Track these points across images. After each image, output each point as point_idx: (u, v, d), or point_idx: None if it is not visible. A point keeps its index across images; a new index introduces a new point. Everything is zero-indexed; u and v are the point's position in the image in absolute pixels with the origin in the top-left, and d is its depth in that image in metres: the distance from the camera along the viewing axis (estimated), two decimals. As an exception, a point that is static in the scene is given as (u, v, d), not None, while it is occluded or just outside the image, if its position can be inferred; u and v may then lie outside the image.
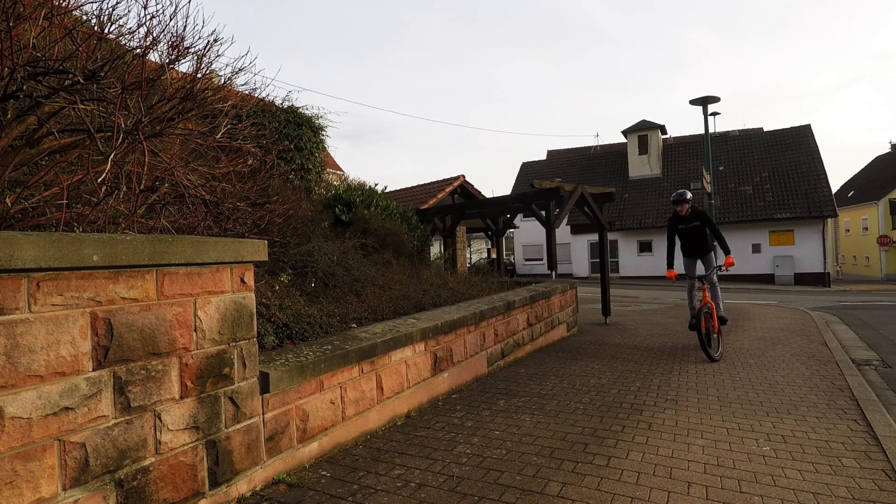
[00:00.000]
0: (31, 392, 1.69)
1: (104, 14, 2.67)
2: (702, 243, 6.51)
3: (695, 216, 6.46)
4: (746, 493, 2.50)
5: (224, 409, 2.37)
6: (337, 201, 7.83)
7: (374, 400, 3.40)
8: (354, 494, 2.51)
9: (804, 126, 28.21)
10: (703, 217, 6.46)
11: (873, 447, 3.10)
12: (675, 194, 6.47)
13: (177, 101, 2.78)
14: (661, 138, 30.85)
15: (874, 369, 5.75)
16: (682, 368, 5.33)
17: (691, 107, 9.64)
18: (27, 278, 1.70)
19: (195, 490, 2.22)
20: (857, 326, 9.43)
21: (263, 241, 2.61)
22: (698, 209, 6.50)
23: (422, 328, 3.91)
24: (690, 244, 6.62)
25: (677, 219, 6.56)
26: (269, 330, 3.22)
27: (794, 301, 16.02)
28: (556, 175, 32.56)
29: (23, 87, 2.19)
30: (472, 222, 13.23)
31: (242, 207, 3.70)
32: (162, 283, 2.12)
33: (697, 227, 6.45)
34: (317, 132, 7.60)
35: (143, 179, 2.53)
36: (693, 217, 6.46)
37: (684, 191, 6.43)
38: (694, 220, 6.45)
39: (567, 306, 7.81)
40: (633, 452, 3.04)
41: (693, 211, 6.47)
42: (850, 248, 38.85)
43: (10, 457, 1.63)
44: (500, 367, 5.34)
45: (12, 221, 2.17)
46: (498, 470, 2.79)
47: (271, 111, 6.66)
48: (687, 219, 6.49)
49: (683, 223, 6.53)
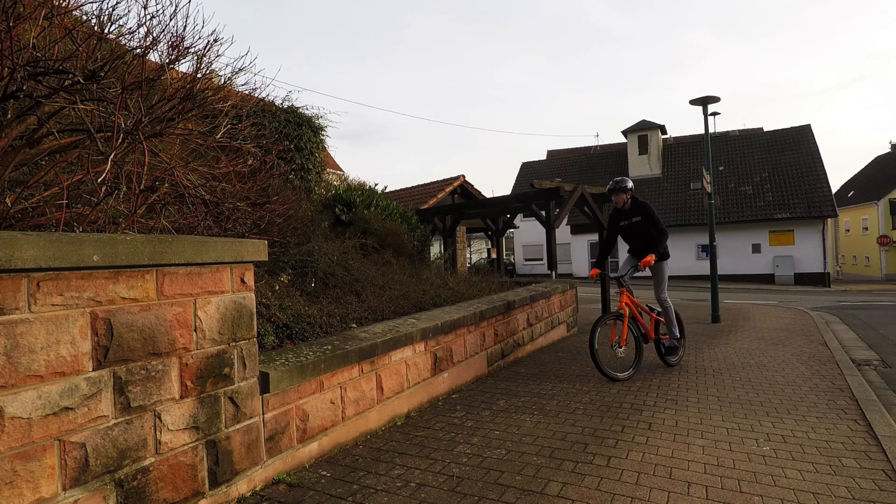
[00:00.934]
0: (32, 392, 1.69)
1: (104, 14, 2.67)
2: (645, 242, 5.38)
3: (636, 210, 5.41)
4: (746, 493, 2.50)
5: (224, 409, 2.37)
6: (337, 201, 7.83)
7: (374, 400, 3.40)
8: (354, 494, 2.51)
9: (804, 126, 28.21)
10: (645, 211, 5.37)
11: (873, 447, 3.10)
12: (612, 182, 5.44)
13: (177, 101, 2.78)
14: (661, 138, 30.85)
15: (874, 369, 5.75)
16: (682, 368, 5.33)
17: (691, 107, 9.63)
18: (27, 278, 1.70)
19: (195, 490, 2.22)
20: (857, 326, 9.43)
21: (263, 241, 2.61)
22: (640, 201, 5.44)
23: (422, 328, 3.91)
24: (634, 244, 5.54)
25: (617, 213, 5.55)
26: (269, 330, 3.22)
27: (794, 301, 16.02)
28: (556, 175, 32.55)
29: (23, 87, 2.19)
30: (472, 222, 13.23)
31: (242, 207, 3.70)
32: (162, 283, 2.12)
33: (639, 224, 5.40)
34: (317, 132, 7.60)
35: (143, 179, 2.53)
36: (634, 211, 5.42)
37: (623, 178, 5.43)
38: (634, 215, 5.41)
39: (567, 306, 7.81)
40: (633, 452, 3.04)
41: (634, 203, 5.42)
42: (850, 248, 38.84)
43: (11, 457, 1.63)
44: (500, 367, 5.34)
45: (12, 221, 2.17)
46: (498, 470, 2.79)
47: (271, 111, 6.66)
48: (627, 212, 5.46)
49: (624, 218, 5.49)
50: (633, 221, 5.43)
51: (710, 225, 9.71)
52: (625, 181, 5.40)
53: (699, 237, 26.68)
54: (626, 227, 5.52)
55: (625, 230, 5.55)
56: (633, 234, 5.49)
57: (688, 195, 28.17)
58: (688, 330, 8.45)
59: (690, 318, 10.29)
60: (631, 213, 5.44)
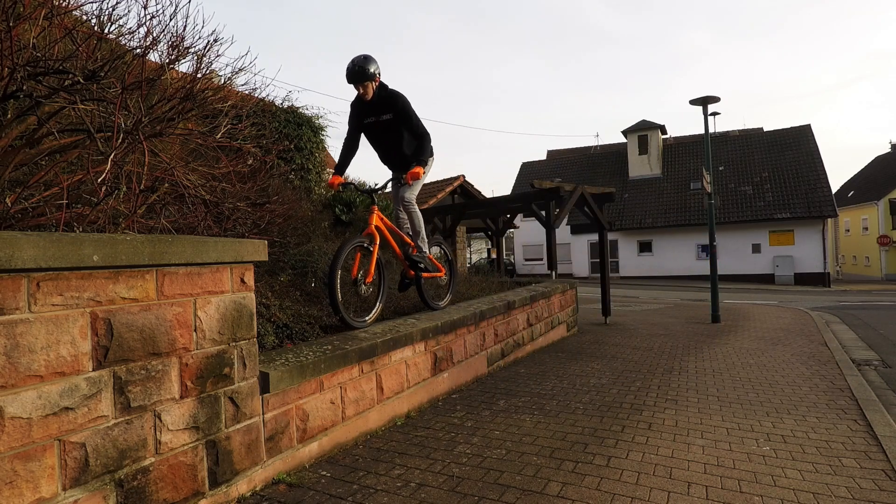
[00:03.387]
0: (31, 392, 1.69)
1: (104, 14, 2.68)
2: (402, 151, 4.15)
3: (385, 103, 4.01)
4: (746, 493, 2.50)
5: (224, 409, 2.37)
6: (337, 201, 7.83)
7: (374, 400, 3.40)
8: (354, 494, 2.51)
9: (804, 126, 28.22)
10: (397, 105, 4.00)
11: (873, 447, 3.10)
12: (350, 63, 3.86)
13: (177, 101, 2.79)
14: (661, 138, 30.86)
15: (874, 369, 5.75)
16: (683, 368, 5.33)
17: (691, 107, 9.63)
18: (27, 278, 1.70)
19: (195, 490, 2.22)
20: (857, 326, 9.43)
21: (263, 241, 2.61)
22: (391, 91, 4.02)
23: (422, 328, 3.91)
24: (388, 153, 4.28)
25: (360, 106, 4.09)
26: (269, 330, 3.22)
27: (794, 301, 16.02)
28: (556, 175, 32.55)
29: (23, 87, 2.19)
30: (472, 222, 13.23)
31: (242, 207, 3.70)
32: (162, 283, 2.12)
33: (390, 123, 4.08)
34: (317, 132, 7.61)
35: (143, 179, 2.53)
36: (382, 104, 4.02)
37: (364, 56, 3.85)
38: (384, 111, 4.04)
39: (567, 306, 7.81)
40: (633, 452, 3.04)
41: (382, 94, 3.99)
42: (850, 248, 38.85)
43: (10, 457, 1.63)
44: (500, 367, 5.34)
45: (12, 221, 2.17)
46: (498, 470, 2.79)
47: (271, 111, 6.67)
48: (373, 107, 4.03)
49: (371, 114, 4.09)
50: (383, 120, 4.09)
51: (710, 225, 9.71)
52: (367, 60, 3.85)
53: (699, 237, 26.70)
54: (372, 126, 4.15)
55: (371, 131, 4.20)
56: (383, 137, 4.18)
57: (688, 195, 28.18)
58: (688, 330, 8.47)
59: (691, 318, 10.30)
60: (379, 107, 4.04)
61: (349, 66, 3.85)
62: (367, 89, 3.91)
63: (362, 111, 4.11)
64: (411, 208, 4.27)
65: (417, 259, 4.33)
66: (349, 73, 3.85)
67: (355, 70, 3.82)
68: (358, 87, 3.89)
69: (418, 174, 3.94)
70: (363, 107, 4.07)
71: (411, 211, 4.28)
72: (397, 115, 4.02)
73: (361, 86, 3.88)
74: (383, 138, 4.19)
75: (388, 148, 4.23)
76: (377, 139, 4.24)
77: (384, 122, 4.08)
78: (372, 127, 4.14)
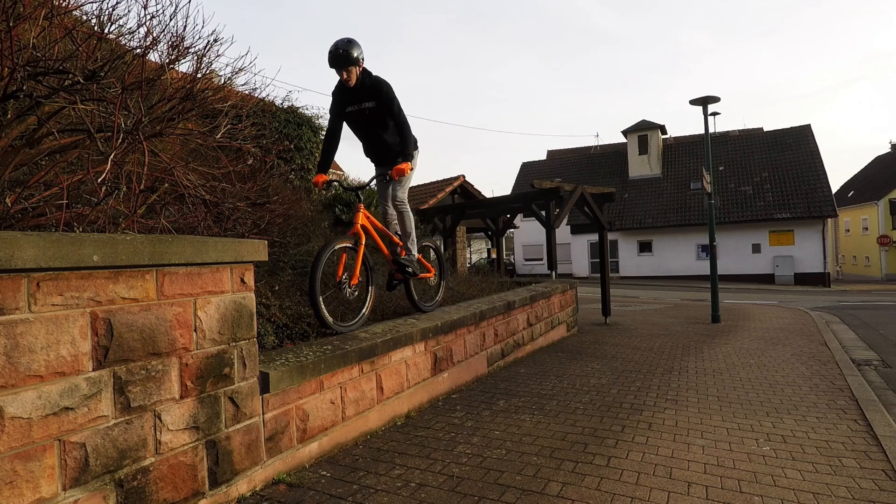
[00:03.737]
0: (31, 392, 1.69)
1: (104, 14, 2.68)
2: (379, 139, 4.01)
3: (368, 91, 3.82)
4: (746, 493, 2.50)
5: (224, 409, 2.37)
6: (337, 201, 7.83)
7: (374, 400, 3.40)
8: (354, 494, 2.51)
9: (804, 126, 28.23)
10: (380, 93, 3.82)
11: (873, 447, 3.10)
12: (332, 46, 3.66)
13: (177, 101, 2.79)
14: (660, 138, 30.87)
15: (874, 369, 5.75)
16: (683, 368, 5.33)
17: (691, 107, 9.63)
18: (27, 278, 1.70)
19: (195, 490, 2.22)
20: (857, 326, 9.43)
21: (263, 241, 2.61)
22: (375, 78, 3.84)
23: (422, 328, 3.91)
24: (372, 144, 4.11)
25: (342, 93, 3.89)
26: (269, 330, 3.22)
27: (794, 301, 16.02)
28: (556, 175, 32.56)
29: (23, 87, 2.19)
30: (472, 222, 13.23)
31: (242, 207, 3.70)
32: (162, 283, 2.12)
33: (373, 112, 3.88)
34: (317, 132, 7.61)
35: (143, 179, 2.53)
36: (365, 92, 3.83)
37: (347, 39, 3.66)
38: (367, 98, 3.85)
39: (567, 306, 7.81)
40: (633, 452, 3.04)
41: (366, 81, 3.80)
42: (850, 248, 38.85)
43: (11, 457, 1.63)
44: (501, 367, 5.34)
45: (12, 221, 2.17)
46: (498, 470, 2.79)
47: (271, 111, 6.66)
48: (356, 94, 3.84)
49: (353, 101, 3.89)
50: (365, 108, 3.87)
51: (710, 225, 9.71)
52: (350, 44, 3.65)
53: (699, 237, 26.70)
54: (354, 114, 3.93)
55: (353, 119, 3.98)
56: (367, 127, 3.99)
57: (688, 195, 28.19)
58: (688, 330, 8.47)
59: (691, 318, 10.30)
60: (362, 94, 3.84)
61: (331, 49, 3.65)
62: (351, 74, 3.73)
63: (344, 98, 3.91)
64: (402, 209, 4.15)
65: (405, 262, 4.18)
66: (331, 56, 3.66)
67: (338, 54, 3.63)
68: (341, 72, 3.72)
69: (404, 171, 3.78)
70: (345, 94, 3.88)
71: (402, 211, 4.16)
72: (381, 103, 3.84)
73: (345, 70, 3.70)
74: (366, 128, 4.00)
75: (371, 138, 4.06)
76: (360, 129, 4.04)
77: (367, 110, 3.89)
78: (354, 115, 3.94)
